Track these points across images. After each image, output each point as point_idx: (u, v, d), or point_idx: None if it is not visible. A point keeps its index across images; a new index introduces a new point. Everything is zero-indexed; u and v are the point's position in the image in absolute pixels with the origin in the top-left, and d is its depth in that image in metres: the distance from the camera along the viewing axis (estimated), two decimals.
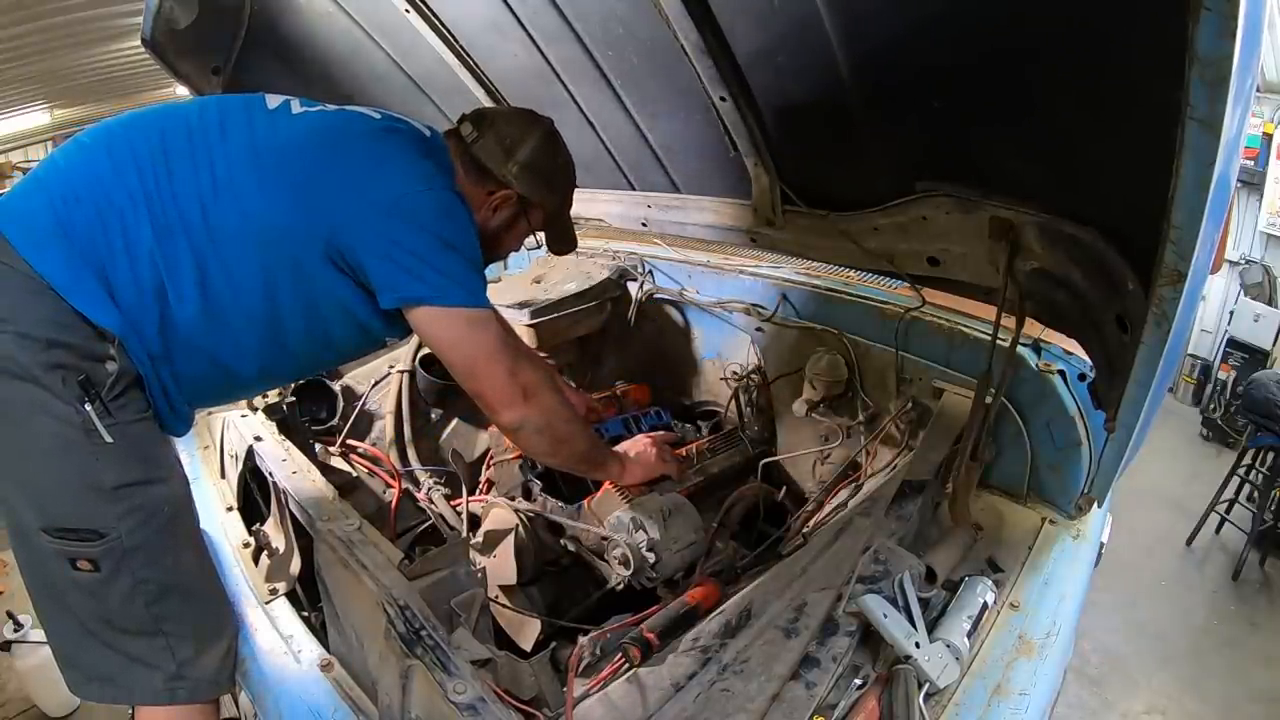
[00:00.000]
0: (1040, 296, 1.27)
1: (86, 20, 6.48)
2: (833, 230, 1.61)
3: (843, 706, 0.94)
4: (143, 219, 1.10)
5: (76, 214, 1.08)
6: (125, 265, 1.09)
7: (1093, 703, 3.04)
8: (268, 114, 1.24)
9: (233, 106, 1.26)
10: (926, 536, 1.27)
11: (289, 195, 1.15)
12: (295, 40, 2.11)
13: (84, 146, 1.16)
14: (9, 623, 2.73)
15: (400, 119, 1.32)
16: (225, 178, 1.15)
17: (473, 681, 0.95)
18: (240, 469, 1.67)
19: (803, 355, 1.80)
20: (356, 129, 1.25)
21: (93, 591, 1.08)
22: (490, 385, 1.24)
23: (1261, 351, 5.84)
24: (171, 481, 1.17)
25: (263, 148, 1.18)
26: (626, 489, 1.57)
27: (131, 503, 1.08)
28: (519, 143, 1.34)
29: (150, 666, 1.12)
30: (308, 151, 1.19)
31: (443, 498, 1.91)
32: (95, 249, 1.07)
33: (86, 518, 1.06)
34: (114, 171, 1.11)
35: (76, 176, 1.12)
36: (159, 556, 1.12)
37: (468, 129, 1.35)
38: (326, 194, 1.16)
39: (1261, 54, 0.80)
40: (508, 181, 1.33)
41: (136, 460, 1.10)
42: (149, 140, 1.15)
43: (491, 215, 1.36)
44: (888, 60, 1.22)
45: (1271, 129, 5.66)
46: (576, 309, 2.15)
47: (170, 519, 1.14)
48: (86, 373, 1.04)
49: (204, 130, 1.18)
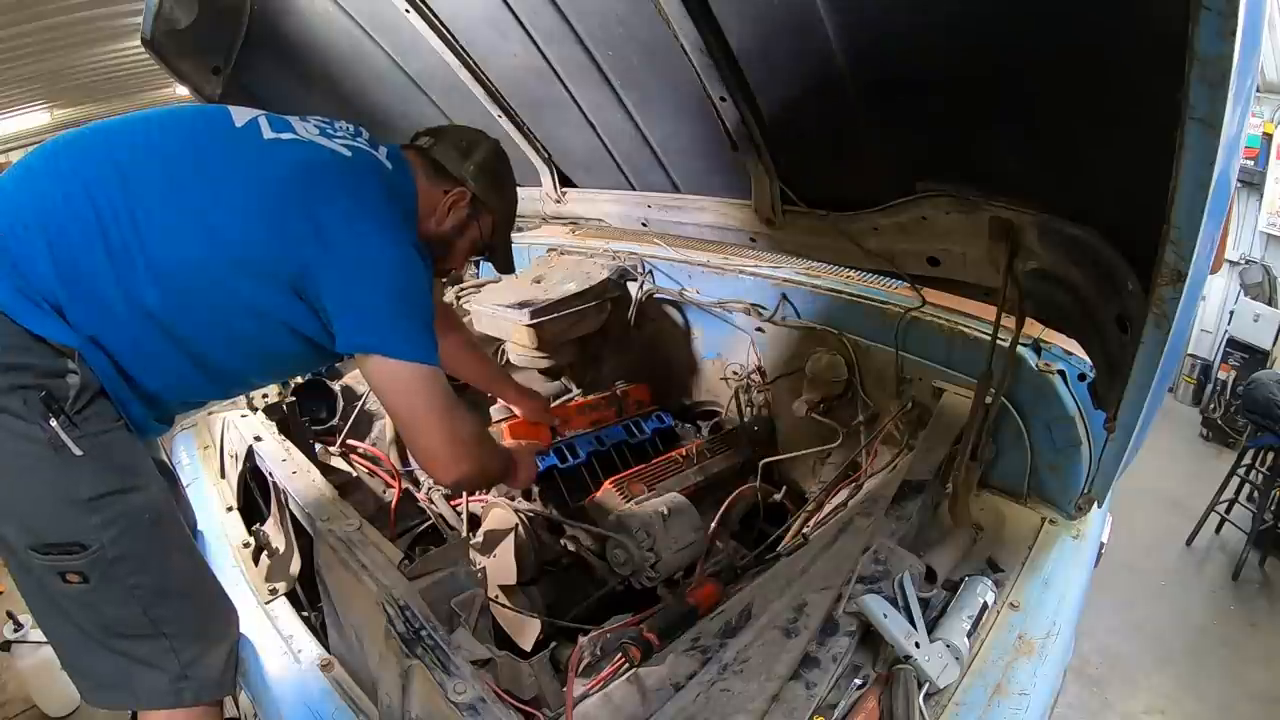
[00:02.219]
0: (1040, 296, 1.27)
1: (86, 20, 6.48)
2: (833, 230, 1.61)
3: (843, 706, 0.95)
4: (95, 242, 1.10)
5: (26, 244, 1.07)
6: (81, 289, 1.09)
7: (1093, 703, 3.04)
8: (236, 135, 1.23)
9: (196, 125, 1.24)
10: (926, 536, 1.27)
11: (264, 227, 1.16)
12: (295, 40, 2.11)
13: (32, 171, 1.16)
14: (9, 623, 2.73)
15: (364, 149, 1.31)
16: (190, 200, 1.15)
17: (473, 681, 0.95)
18: (240, 469, 1.67)
19: (803, 355, 1.80)
20: (333, 169, 1.24)
21: (87, 602, 1.09)
22: (429, 441, 1.26)
23: (1261, 351, 5.84)
24: (149, 488, 1.17)
25: (238, 175, 1.18)
26: (626, 488, 1.57)
27: (110, 512, 1.09)
28: (474, 146, 1.42)
29: (155, 668, 1.13)
30: (287, 187, 1.18)
31: (443, 498, 1.91)
32: (46, 276, 1.07)
33: (67, 532, 1.06)
34: (64, 198, 1.11)
35: (25, 205, 1.11)
36: (147, 562, 1.12)
37: (425, 140, 1.43)
38: (301, 235, 1.16)
39: (1261, 54, 0.80)
40: (464, 180, 1.39)
41: (110, 470, 1.10)
42: (100, 163, 1.15)
43: (446, 216, 1.40)
44: (888, 60, 1.22)
45: (1271, 129, 5.65)
46: (576, 309, 2.15)
47: (153, 524, 1.15)
48: (48, 389, 1.04)
49: (164, 150, 1.19)
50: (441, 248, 1.42)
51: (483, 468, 1.35)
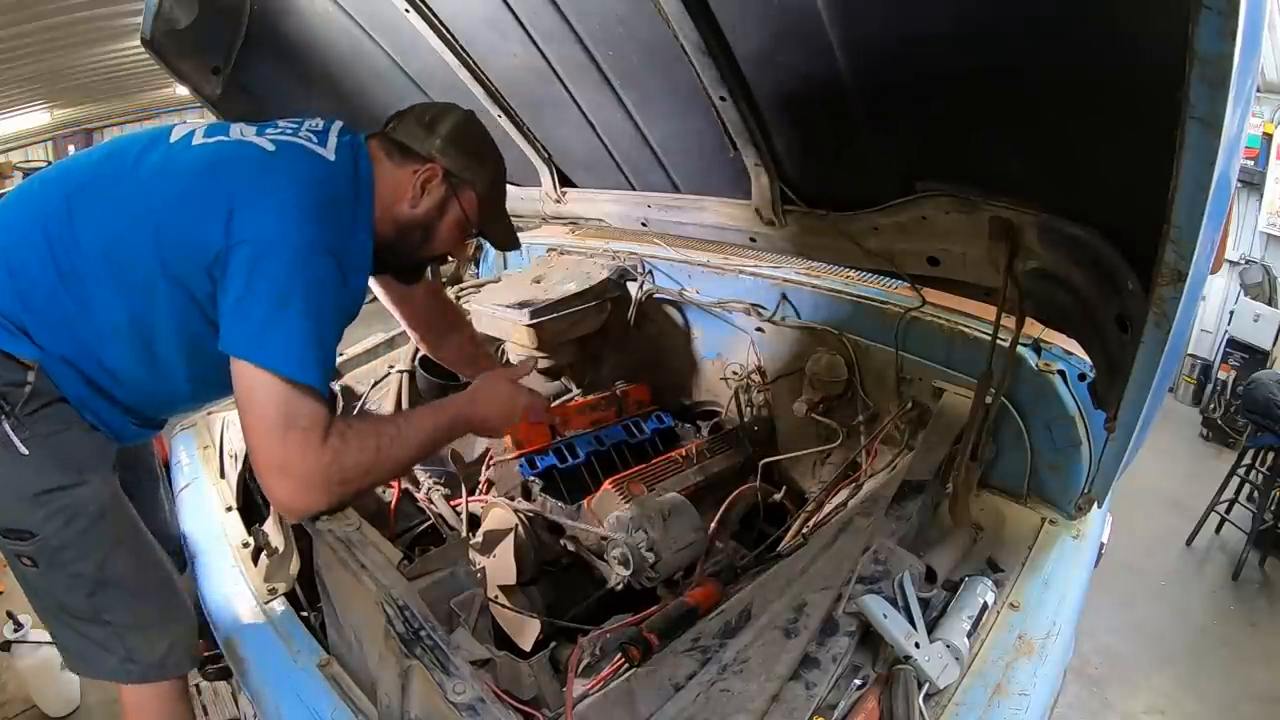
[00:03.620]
0: (1040, 296, 1.27)
1: (86, 20, 6.48)
2: (833, 230, 1.61)
3: (843, 706, 0.94)
4: (49, 268, 1.18)
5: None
6: (41, 313, 1.18)
7: (1093, 703, 3.04)
8: (167, 148, 1.25)
9: (134, 147, 1.27)
10: (926, 536, 1.27)
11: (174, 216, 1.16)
12: (295, 40, 2.11)
13: (9, 206, 1.27)
14: (9, 623, 2.73)
15: (294, 143, 1.23)
16: (111, 210, 1.20)
17: (472, 682, 0.95)
18: (240, 469, 1.67)
19: (803, 355, 1.80)
20: (244, 163, 1.19)
21: (41, 584, 1.24)
22: (259, 462, 1.13)
23: (1261, 351, 5.84)
24: (96, 485, 1.26)
25: (158, 180, 1.20)
26: (626, 488, 1.57)
27: (53, 506, 1.20)
28: (439, 119, 1.34)
29: (105, 650, 1.28)
30: (195, 181, 1.17)
31: (442, 498, 1.91)
32: (10, 302, 1.17)
33: (19, 520, 1.19)
34: (24, 231, 1.20)
35: (6, 223, 1.23)
36: (88, 553, 1.23)
37: (390, 124, 1.37)
38: (207, 224, 1.12)
39: (1261, 54, 0.80)
40: (431, 156, 1.32)
41: (55, 468, 1.20)
42: (56, 194, 1.22)
43: (420, 197, 1.32)
44: (888, 60, 1.22)
45: (1271, 129, 5.66)
46: (576, 309, 2.15)
47: (95, 520, 1.24)
48: (3, 395, 1.16)
49: (105, 174, 1.25)
50: (421, 232, 1.35)
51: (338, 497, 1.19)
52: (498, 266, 2.90)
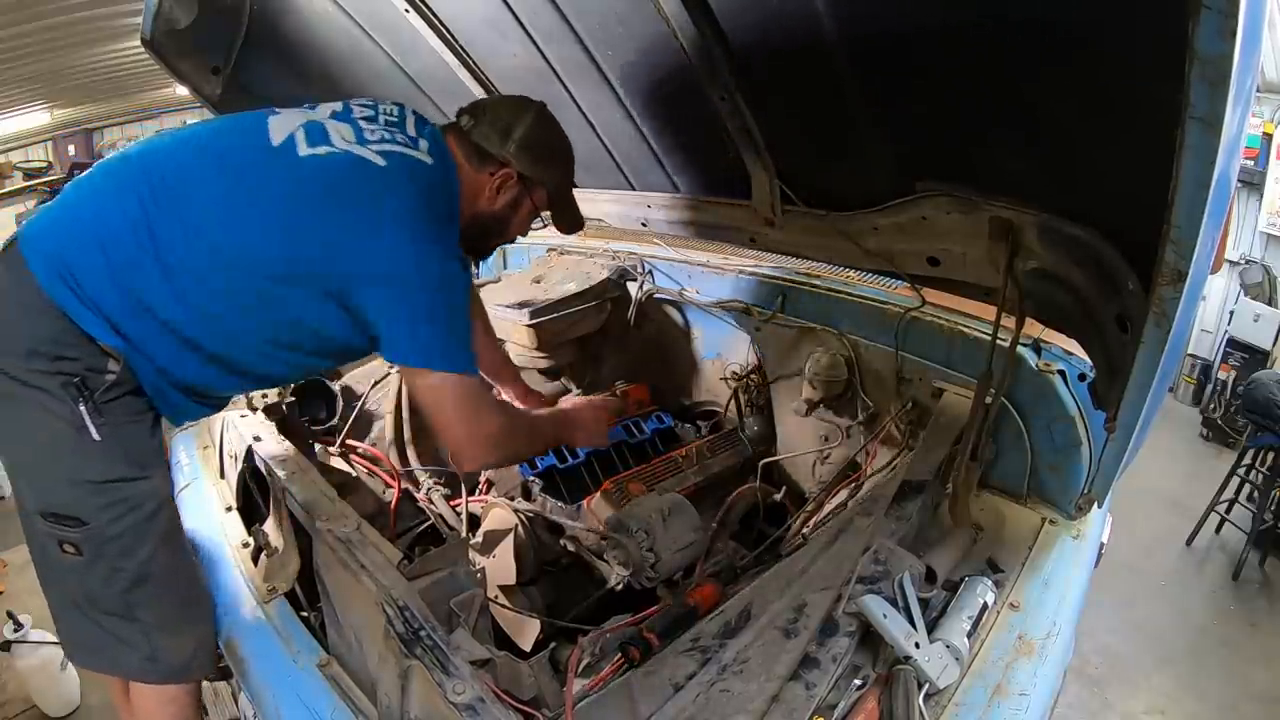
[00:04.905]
0: (1040, 296, 1.27)
1: (86, 20, 6.48)
2: (833, 230, 1.61)
3: (843, 707, 0.94)
4: (145, 261, 1.18)
5: (85, 256, 1.17)
6: (129, 300, 1.18)
7: (1093, 703, 3.04)
8: (272, 154, 1.26)
9: (233, 143, 1.29)
10: (926, 536, 1.27)
11: (302, 244, 1.22)
12: (295, 40, 2.11)
13: (95, 188, 1.25)
14: (9, 623, 2.73)
15: (399, 153, 1.30)
16: (231, 216, 1.22)
17: (472, 682, 0.95)
18: (240, 469, 1.67)
19: (803, 355, 1.80)
20: (368, 182, 1.26)
21: (77, 573, 1.22)
22: (451, 437, 1.35)
23: (1261, 351, 5.83)
24: (155, 480, 1.28)
25: (275, 195, 1.23)
26: (626, 488, 1.57)
27: (114, 496, 1.20)
28: (514, 123, 1.40)
29: (129, 646, 1.26)
30: (320, 204, 1.23)
31: (442, 498, 1.91)
32: (101, 286, 1.17)
33: (71, 506, 1.19)
34: (121, 215, 1.20)
35: (86, 220, 1.21)
36: (135, 548, 1.23)
37: (465, 120, 1.42)
38: (339, 251, 1.22)
39: (1261, 54, 0.80)
40: (506, 161, 1.39)
41: (123, 458, 1.21)
42: (153, 182, 1.22)
43: (495, 197, 1.42)
44: (888, 60, 1.22)
45: (1271, 129, 5.65)
46: (576, 309, 2.15)
47: (150, 515, 1.25)
48: (84, 378, 1.16)
49: (202, 172, 1.25)
50: (496, 225, 1.47)
51: (508, 456, 1.52)
52: (498, 266, 2.90)
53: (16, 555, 3.72)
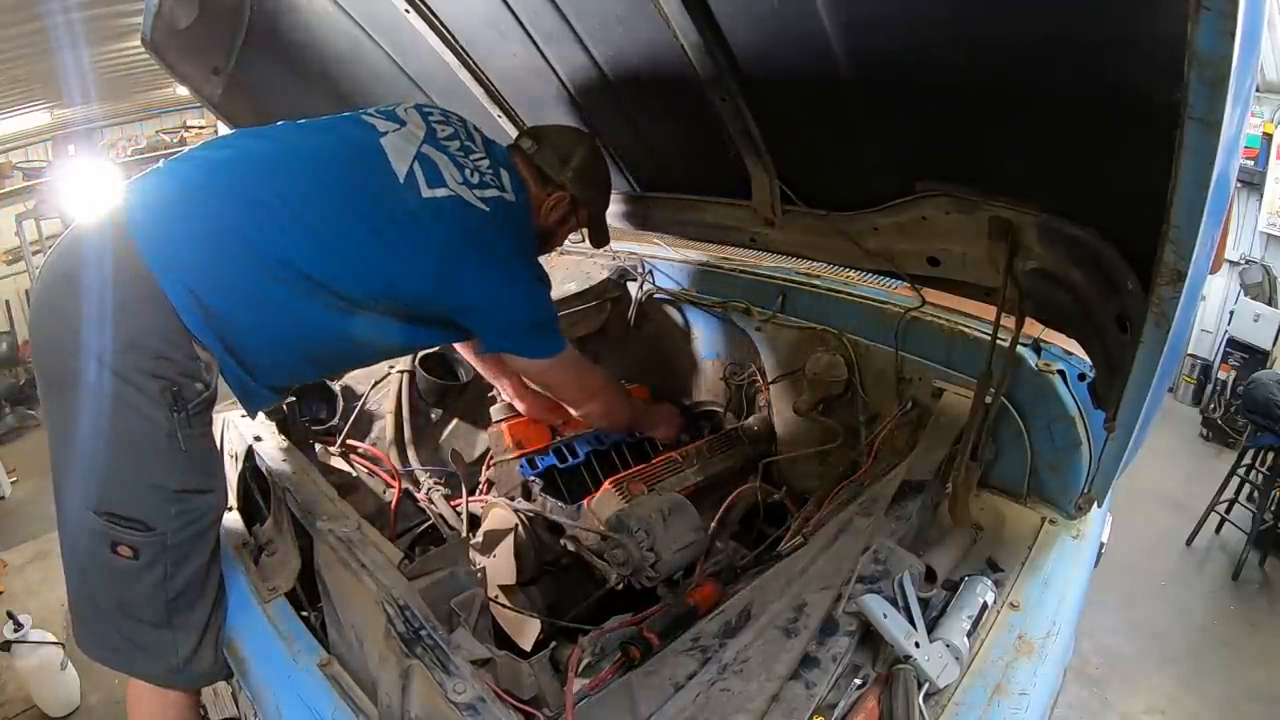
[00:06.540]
0: (1040, 296, 1.27)
1: (86, 20, 6.47)
2: (833, 230, 1.61)
3: (842, 706, 0.94)
4: (256, 269, 1.24)
5: (198, 256, 1.22)
6: (236, 302, 1.24)
7: (1093, 703, 3.04)
8: (399, 191, 1.37)
9: (361, 176, 1.37)
10: (926, 536, 1.27)
11: (431, 284, 1.39)
12: (295, 40, 2.11)
13: (215, 191, 1.28)
14: (9, 623, 2.73)
15: (495, 197, 1.47)
16: (368, 251, 1.32)
17: (473, 681, 0.95)
18: (240, 469, 1.67)
19: (803, 355, 1.80)
20: (482, 230, 1.44)
21: (125, 575, 1.21)
22: (566, 393, 1.73)
23: (1261, 351, 5.83)
24: (219, 494, 1.33)
25: (409, 235, 1.36)
26: (626, 488, 1.57)
27: (186, 505, 1.22)
28: (572, 153, 1.62)
29: (158, 652, 1.26)
30: (449, 254, 1.40)
31: (442, 498, 1.91)
32: (208, 287, 1.20)
33: (141, 509, 1.19)
34: (232, 214, 1.25)
35: (199, 220, 1.25)
36: (189, 557, 1.25)
37: (528, 144, 1.62)
38: (460, 291, 1.42)
39: (1261, 54, 0.80)
40: (564, 184, 1.61)
41: (199, 470, 1.26)
42: (272, 194, 1.28)
43: (551, 213, 1.64)
44: (888, 60, 1.22)
45: (1271, 129, 5.65)
46: (576, 309, 2.15)
47: (208, 527, 1.29)
48: (181, 386, 1.18)
49: (327, 191, 1.33)
50: (547, 236, 1.69)
51: (608, 408, 1.78)
52: None
53: (17, 555, 3.72)
